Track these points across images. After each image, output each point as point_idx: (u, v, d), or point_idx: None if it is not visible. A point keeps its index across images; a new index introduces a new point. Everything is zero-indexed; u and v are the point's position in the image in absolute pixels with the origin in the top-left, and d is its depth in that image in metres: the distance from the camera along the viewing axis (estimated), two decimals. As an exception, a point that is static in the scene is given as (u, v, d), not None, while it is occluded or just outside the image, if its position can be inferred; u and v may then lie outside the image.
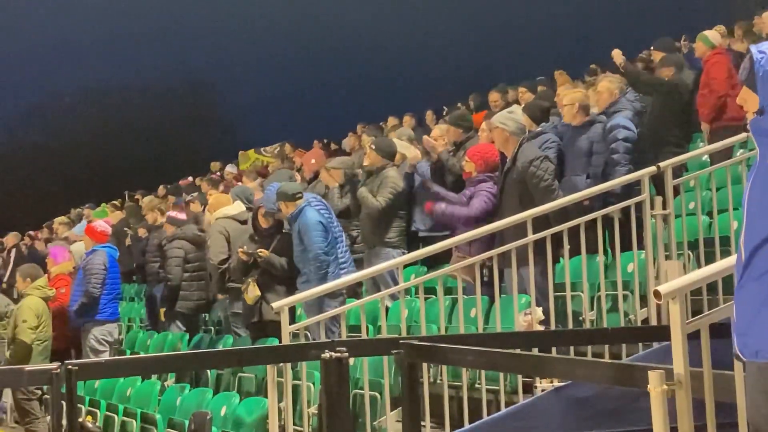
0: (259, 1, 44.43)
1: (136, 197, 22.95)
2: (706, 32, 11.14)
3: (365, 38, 42.15)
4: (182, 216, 12.53)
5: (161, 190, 22.77)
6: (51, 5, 43.80)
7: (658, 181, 7.87)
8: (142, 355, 10.78)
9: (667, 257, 7.57)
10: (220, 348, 10.00)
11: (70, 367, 4.23)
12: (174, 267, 11.48)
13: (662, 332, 5.36)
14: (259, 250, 9.76)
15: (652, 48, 12.44)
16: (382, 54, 41.66)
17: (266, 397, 7.63)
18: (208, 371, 9.73)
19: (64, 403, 4.13)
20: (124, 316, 13.80)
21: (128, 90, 44.36)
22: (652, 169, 7.66)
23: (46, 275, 11.92)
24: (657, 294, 3.48)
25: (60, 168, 42.61)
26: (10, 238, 20.48)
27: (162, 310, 11.95)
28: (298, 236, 9.33)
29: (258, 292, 9.69)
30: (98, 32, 43.55)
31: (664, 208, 7.55)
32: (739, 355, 3.27)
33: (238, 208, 10.83)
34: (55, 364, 4.29)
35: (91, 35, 43.44)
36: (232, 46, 43.39)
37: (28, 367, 4.36)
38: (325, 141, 21.56)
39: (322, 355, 5.05)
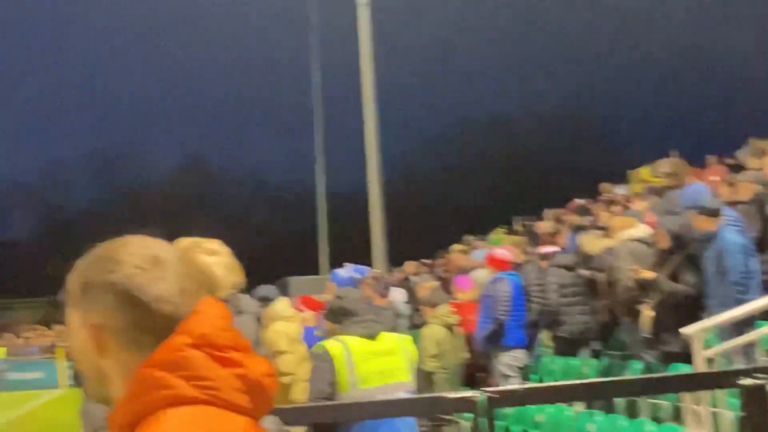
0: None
1: (524, 224, 23.36)
2: None
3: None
4: (551, 249, 13.17)
5: (547, 213, 22.94)
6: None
7: None
8: (558, 382, 10.87)
9: None
10: (627, 375, 9.88)
11: (490, 395, 4.38)
12: (551, 293, 11.85)
13: None
14: (643, 272, 9.49)
15: None
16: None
17: (683, 424, 7.52)
18: (619, 397, 9.65)
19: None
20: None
21: (513, 116, 45.52)
22: None
23: (448, 303, 12.49)
24: None
25: (450, 196, 44.40)
26: (411, 267, 21.53)
27: (548, 335, 12.29)
28: (715, 258, 8.83)
29: (650, 318, 9.45)
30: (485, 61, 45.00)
31: None
32: None
33: (644, 230, 10.63)
34: (474, 392, 4.45)
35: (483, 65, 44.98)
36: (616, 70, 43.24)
37: (450, 395, 4.57)
38: (719, 156, 20.74)
39: (740, 382, 4.86)
